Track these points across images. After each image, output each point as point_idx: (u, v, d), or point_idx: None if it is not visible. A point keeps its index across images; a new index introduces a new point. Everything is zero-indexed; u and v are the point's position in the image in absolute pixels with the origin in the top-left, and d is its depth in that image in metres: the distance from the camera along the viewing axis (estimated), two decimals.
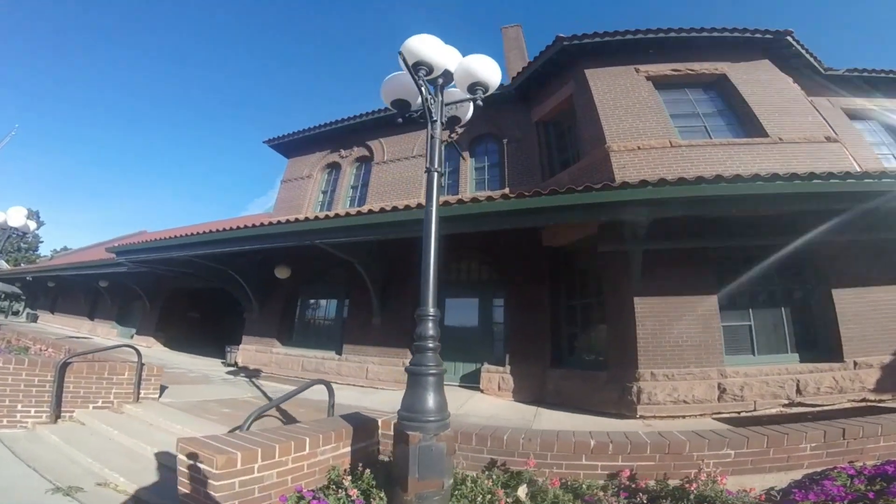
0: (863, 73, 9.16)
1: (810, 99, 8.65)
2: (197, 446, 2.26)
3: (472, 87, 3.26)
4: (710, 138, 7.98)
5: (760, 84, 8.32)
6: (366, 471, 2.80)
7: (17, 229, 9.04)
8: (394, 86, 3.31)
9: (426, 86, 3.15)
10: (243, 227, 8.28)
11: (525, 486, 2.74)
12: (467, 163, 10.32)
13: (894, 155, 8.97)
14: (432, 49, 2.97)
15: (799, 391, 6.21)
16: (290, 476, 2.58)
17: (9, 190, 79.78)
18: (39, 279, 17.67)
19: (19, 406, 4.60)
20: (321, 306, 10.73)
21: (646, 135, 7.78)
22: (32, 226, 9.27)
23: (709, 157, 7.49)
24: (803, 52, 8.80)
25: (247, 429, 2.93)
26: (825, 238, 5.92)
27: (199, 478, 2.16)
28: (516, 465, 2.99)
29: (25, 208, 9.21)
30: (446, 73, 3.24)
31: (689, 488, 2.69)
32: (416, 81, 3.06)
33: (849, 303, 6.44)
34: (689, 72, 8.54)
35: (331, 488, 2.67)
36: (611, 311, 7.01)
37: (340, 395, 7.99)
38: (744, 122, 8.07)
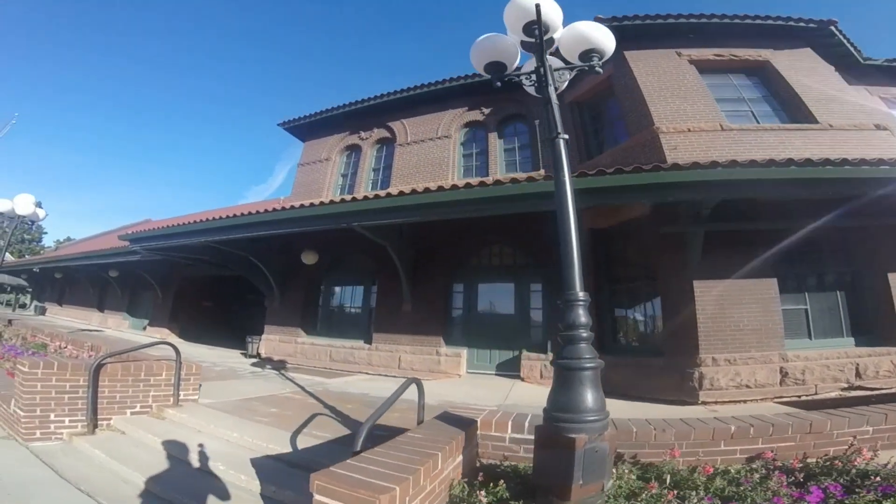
0: None
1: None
2: (344, 484, 1.69)
3: (586, 53, 2.84)
4: (758, 123, 7.67)
5: (805, 72, 8.02)
6: (500, 482, 2.33)
7: (25, 218, 8.27)
8: (487, 47, 2.86)
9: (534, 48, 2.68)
10: (273, 210, 7.60)
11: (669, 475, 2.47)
12: (495, 143, 9.66)
13: None
14: (550, 7, 2.59)
15: (858, 375, 6.02)
16: (428, 501, 2.05)
17: (6, 180, 77.01)
18: (47, 270, 16.72)
19: (52, 416, 3.98)
20: (346, 293, 10.13)
21: (695, 117, 7.39)
22: (41, 214, 8.49)
23: (760, 141, 7.16)
24: (845, 41, 8.50)
25: (359, 447, 2.36)
26: (884, 222, 5.76)
27: None
28: (646, 456, 2.77)
29: (33, 196, 8.41)
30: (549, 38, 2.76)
31: (851, 464, 2.53)
32: (537, 42, 2.62)
33: None
34: (732, 57, 8.17)
35: None
36: (666, 295, 6.62)
37: (373, 386, 7.48)
38: (790, 108, 7.75)
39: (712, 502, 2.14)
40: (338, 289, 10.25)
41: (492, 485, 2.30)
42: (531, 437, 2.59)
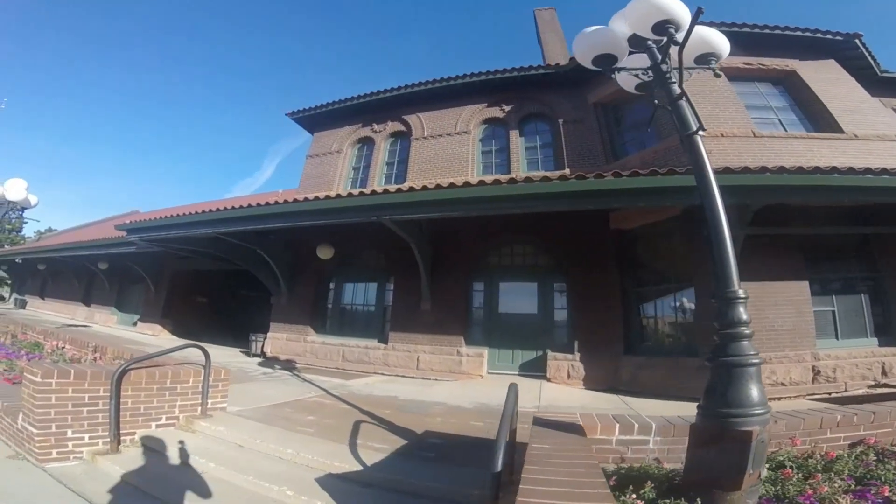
0: None
1: None
2: None
3: (705, 56, 2.86)
4: (786, 130, 7.68)
5: (830, 82, 8.08)
6: (645, 483, 2.20)
7: (16, 204, 7.35)
8: (598, 41, 2.78)
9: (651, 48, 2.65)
10: (291, 201, 6.96)
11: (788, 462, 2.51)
12: (517, 141, 9.26)
13: None
14: (683, 10, 2.53)
15: (884, 373, 6.16)
16: None
17: None
18: (29, 261, 15.23)
19: (70, 432, 3.33)
20: (358, 291, 9.52)
21: (727, 123, 7.30)
22: (33, 200, 7.56)
23: (791, 148, 7.12)
24: (867, 54, 8.63)
25: (500, 466, 1.88)
26: None
27: None
28: None
29: (24, 181, 7.49)
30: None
31: None
32: (664, 42, 2.59)
33: None
34: (760, 66, 8.13)
35: None
36: (702, 296, 6.39)
37: (397, 388, 6.96)
38: (815, 117, 7.77)
39: (851, 481, 2.25)
40: (349, 286, 9.63)
41: (631, 486, 2.16)
42: (641, 437, 2.71)
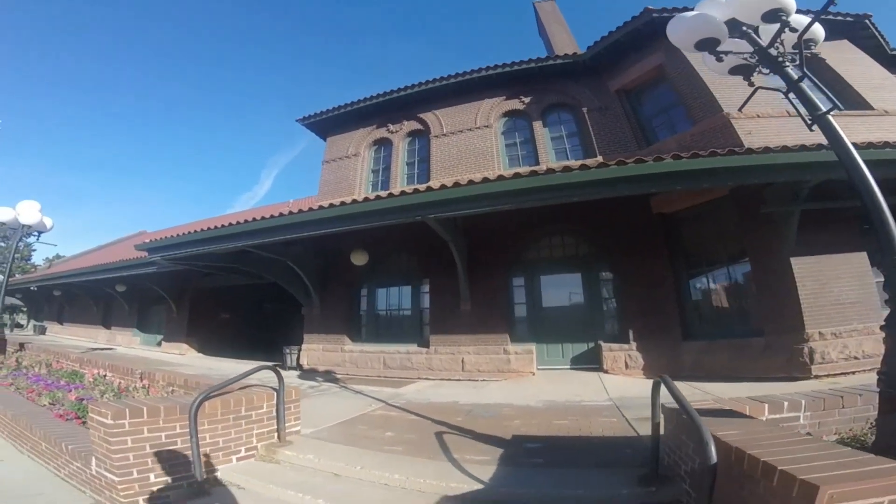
0: None
1: None
2: None
3: (807, 42, 2.79)
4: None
5: (850, 62, 7.94)
6: None
7: (31, 228, 6.82)
8: (698, 25, 2.83)
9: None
10: (327, 206, 6.50)
11: None
12: (541, 132, 8.87)
13: None
14: None
15: None
16: None
17: None
18: (45, 288, 14.52)
19: (152, 476, 2.86)
20: (392, 295, 9.07)
21: (760, 104, 6.97)
22: (48, 223, 7.03)
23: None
24: (877, 33, 8.54)
25: (714, 458, 1.50)
26: None
27: None
28: None
29: (37, 203, 6.96)
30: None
31: None
32: (782, 26, 2.61)
33: None
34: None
35: None
36: (760, 275, 6.19)
37: (451, 392, 6.52)
38: (841, 96, 7.53)
39: None
40: (381, 291, 9.17)
41: None
42: (791, 414, 2.64)
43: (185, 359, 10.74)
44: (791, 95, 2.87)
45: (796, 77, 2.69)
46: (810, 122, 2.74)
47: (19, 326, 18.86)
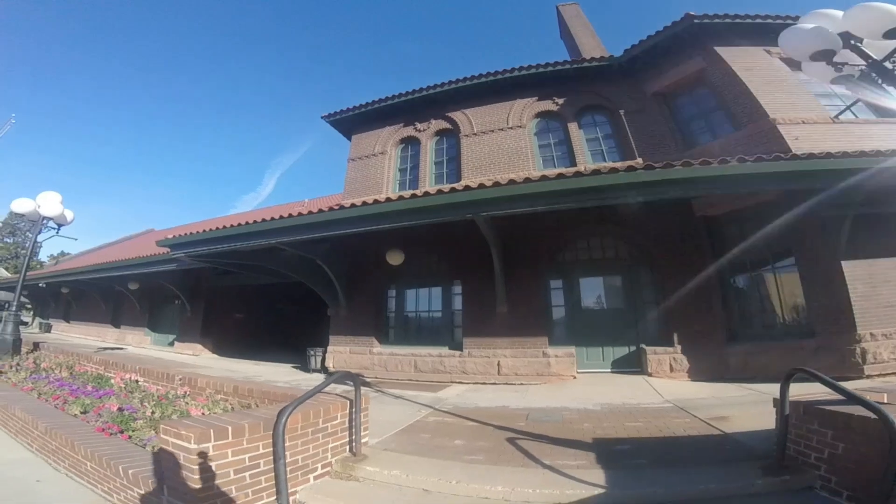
0: None
1: None
2: None
3: None
4: (856, 117, 7.22)
5: None
6: None
7: (52, 220, 6.25)
8: (810, 37, 2.82)
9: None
10: (370, 202, 6.06)
11: None
12: (577, 133, 8.55)
13: None
14: None
15: None
16: None
17: None
18: (52, 285, 13.65)
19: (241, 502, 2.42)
20: (422, 297, 8.63)
21: (804, 110, 6.96)
22: (70, 216, 6.47)
23: (869, 132, 6.76)
24: None
25: None
26: None
27: None
28: None
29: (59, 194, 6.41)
30: None
31: None
32: None
33: None
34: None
35: None
36: (809, 278, 6.07)
37: (496, 397, 6.08)
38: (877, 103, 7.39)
39: None
40: (410, 292, 8.73)
41: None
42: None
43: (200, 360, 10.14)
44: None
45: None
46: None
47: (24, 324, 17.87)
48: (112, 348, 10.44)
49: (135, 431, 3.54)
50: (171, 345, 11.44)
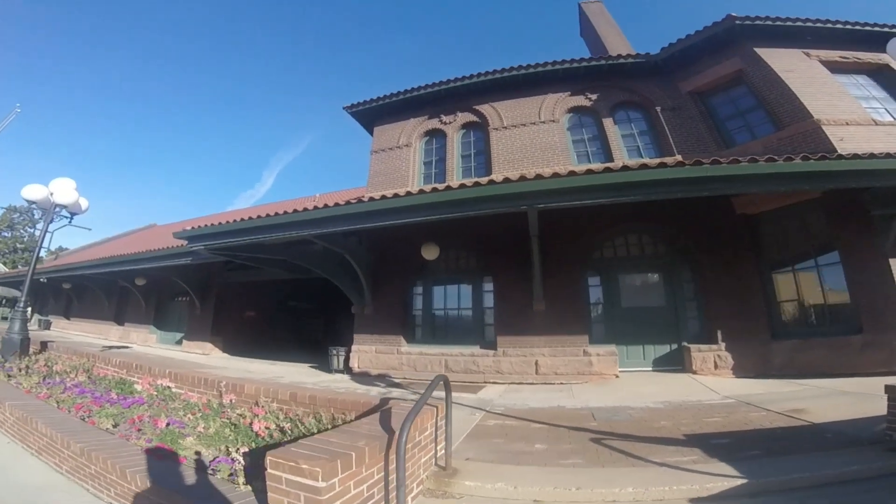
0: None
1: None
2: None
3: None
4: (894, 119, 7.18)
5: None
6: None
7: (66, 208, 5.67)
8: None
9: None
10: (420, 192, 5.63)
11: None
12: (612, 129, 8.26)
13: None
14: None
15: None
16: None
17: None
18: (52, 280, 12.70)
19: None
20: (450, 294, 8.23)
21: (846, 112, 6.87)
22: (84, 204, 5.89)
23: None
24: None
25: None
26: None
27: None
28: None
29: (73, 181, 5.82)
30: None
31: None
32: None
33: None
34: (856, 60, 7.79)
35: None
36: (854, 275, 5.98)
37: (544, 397, 5.74)
38: None
39: None
40: (438, 289, 8.32)
41: None
42: None
43: (212, 359, 9.54)
44: None
45: None
46: None
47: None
48: (117, 347, 9.73)
49: (185, 450, 3.05)
50: (179, 343, 10.76)
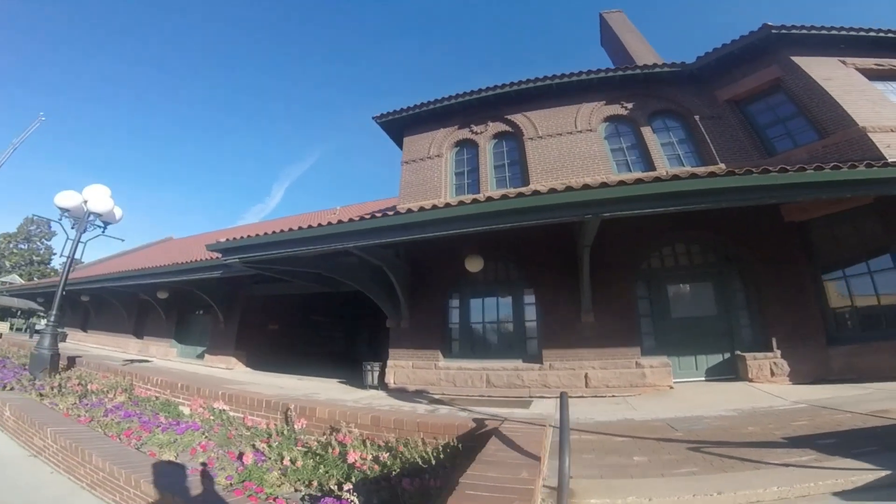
0: None
1: None
2: None
3: None
4: None
5: None
6: None
7: (101, 216, 5.37)
8: None
9: None
10: (474, 200, 5.35)
11: None
12: (651, 138, 8.13)
13: None
14: None
15: None
16: None
17: None
18: (72, 292, 12.24)
19: None
20: (489, 307, 7.90)
21: (891, 118, 6.75)
22: (119, 213, 5.59)
23: None
24: None
25: None
26: None
27: None
28: None
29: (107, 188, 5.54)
30: None
31: None
32: None
33: None
34: (891, 67, 7.72)
35: None
36: None
37: (606, 410, 5.37)
38: None
39: None
40: (475, 302, 8.00)
41: None
42: None
43: (237, 374, 9.09)
44: None
45: None
46: None
47: (38, 332, 16.33)
48: (138, 360, 9.29)
49: (271, 488, 2.67)
50: (200, 357, 10.32)
